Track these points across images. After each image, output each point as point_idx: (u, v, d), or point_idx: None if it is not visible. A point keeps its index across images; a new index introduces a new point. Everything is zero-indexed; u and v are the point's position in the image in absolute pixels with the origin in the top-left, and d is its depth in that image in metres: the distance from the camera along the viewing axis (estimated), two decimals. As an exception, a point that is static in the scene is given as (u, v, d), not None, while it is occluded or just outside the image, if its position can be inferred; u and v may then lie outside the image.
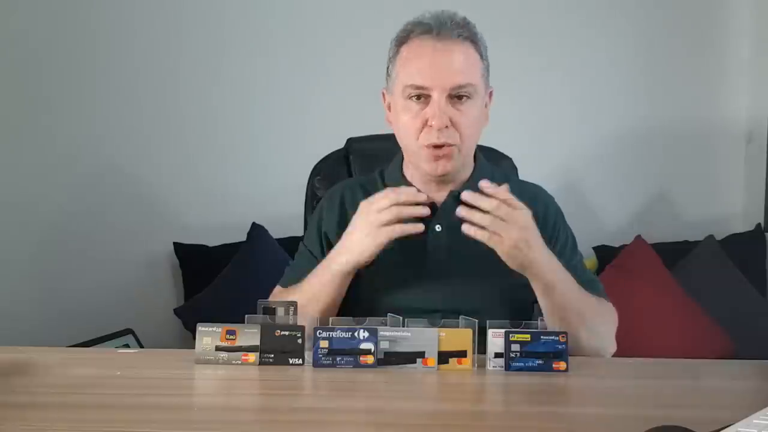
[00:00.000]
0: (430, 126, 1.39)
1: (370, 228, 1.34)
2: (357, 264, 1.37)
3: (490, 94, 1.50)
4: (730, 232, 2.95)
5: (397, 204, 1.33)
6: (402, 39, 1.44)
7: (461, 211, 1.30)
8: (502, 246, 1.30)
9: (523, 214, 1.32)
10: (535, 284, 1.36)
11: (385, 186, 1.53)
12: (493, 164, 1.61)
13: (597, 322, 1.40)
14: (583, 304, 1.38)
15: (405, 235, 1.33)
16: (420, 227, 1.34)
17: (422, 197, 1.36)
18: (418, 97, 1.40)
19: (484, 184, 1.31)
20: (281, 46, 2.99)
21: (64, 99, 2.92)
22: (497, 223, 1.28)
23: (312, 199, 1.78)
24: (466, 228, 1.30)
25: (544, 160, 2.88)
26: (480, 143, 1.64)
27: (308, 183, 1.80)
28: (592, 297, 1.43)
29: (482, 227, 1.29)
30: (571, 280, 1.38)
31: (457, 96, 1.40)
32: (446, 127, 1.39)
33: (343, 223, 1.50)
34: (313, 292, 1.40)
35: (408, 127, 1.42)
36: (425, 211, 1.34)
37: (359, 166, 1.79)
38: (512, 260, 1.31)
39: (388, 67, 1.48)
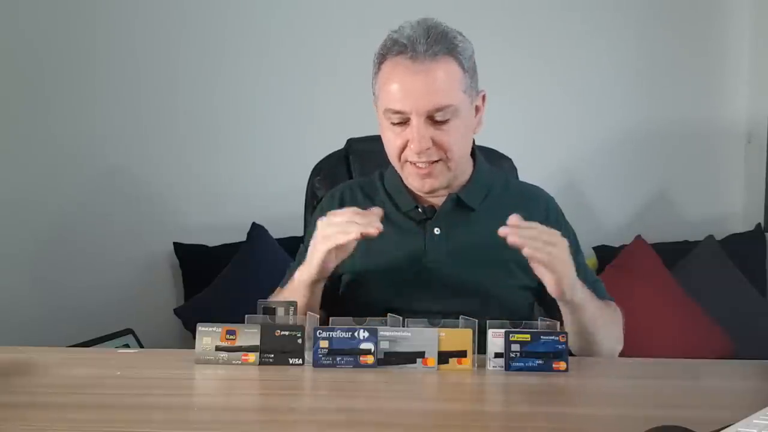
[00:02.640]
0: (411, 148, 1.38)
1: (317, 239, 1.31)
2: (311, 275, 1.33)
3: (483, 97, 1.46)
4: (730, 232, 2.95)
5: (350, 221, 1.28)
6: (381, 56, 1.40)
7: (510, 236, 1.22)
8: (563, 269, 1.25)
9: (563, 240, 1.28)
10: (567, 307, 1.32)
11: (384, 188, 1.53)
12: (492, 165, 1.61)
13: (612, 329, 1.41)
14: (604, 316, 1.38)
15: (340, 242, 1.28)
16: (351, 236, 1.27)
17: (378, 213, 1.30)
18: (399, 120, 1.38)
19: (514, 220, 1.25)
20: (281, 46, 2.99)
21: (65, 100, 2.92)
22: (548, 249, 1.24)
23: (312, 199, 1.77)
24: (528, 251, 1.23)
25: (544, 161, 2.88)
26: (480, 143, 1.64)
27: (308, 183, 1.80)
28: (605, 304, 1.42)
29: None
30: (593, 296, 1.36)
31: (438, 118, 1.36)
32: (427, 149, 1.37)
33: None
34: (287, 297, 1.37)
35: (391, 146, 1.42)
36: (372, 231, 1.27)
37: (359, 166, 1.78)
38: (568, 289, 1.27)
39: (372, 84, 1.45)
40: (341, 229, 1.29)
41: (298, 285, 1.37)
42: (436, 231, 1.45)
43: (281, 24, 2.99)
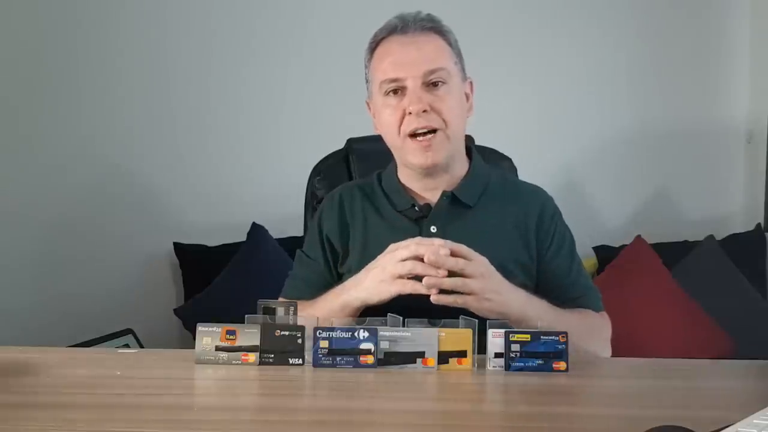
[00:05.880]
0: (410, 113, 1.41)
1: (386, 275, 1.31)
2: (366, 303, 1.34)
3: (471, 84, 1.51)
4: (730, 232, 2.95)
5: (418, 258, 1.28)
6: (372, 45, 1.49)
7: (429, 280, 1.26)
8: (476, 303, 1.27)
9: (482, 263, 1.30)
10: (515, 325, 1.28)
11: (382, 189, 1.54)
12: (492, 165, 1.61)
13: (584, 341, 1.35)
14: (575, 328, 1.29)
15: (415, 293, 1.29)
16: (431, 292, 1.28)
17: (444, 252, 1.28)
18: (395, 91, 1.44)
19: (438, 242, 1.28)
20: (281, 46, 2.99)
21: (64, 100, 2.92)
22: (464, 282, 1.26)
23: (312, 199, 1.77)
24: (434, 299, 1.26)
25: (544, 160, 2.88)
26: (479, 143, 1.64)
27: (308, 183, 1.80)
28: (573, 316, 1.39)
29: (452, 292, 1.26)
30: (546, 308, 1.35)
31: (432, 83, 1.43)
32: (425, 111, 1.41)
33: (343, 226, 1.51)
34: (324, 315, 1.35)
35: (389, 122, 1.45)
36: (441, 280, 1.27)
37: (359, 166, 1.79)
38: (489, 312, 1.27)
39: (365, 75, 1.52)
40: (410, 269, 1.28)
41: (346, 306, 1.36)
42: (432, 229, 1.46)
43: (281, 24, 2.99)
